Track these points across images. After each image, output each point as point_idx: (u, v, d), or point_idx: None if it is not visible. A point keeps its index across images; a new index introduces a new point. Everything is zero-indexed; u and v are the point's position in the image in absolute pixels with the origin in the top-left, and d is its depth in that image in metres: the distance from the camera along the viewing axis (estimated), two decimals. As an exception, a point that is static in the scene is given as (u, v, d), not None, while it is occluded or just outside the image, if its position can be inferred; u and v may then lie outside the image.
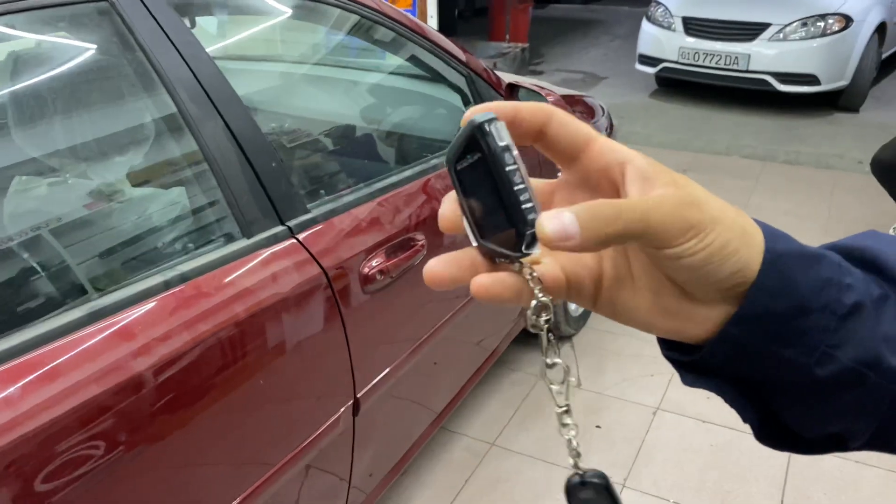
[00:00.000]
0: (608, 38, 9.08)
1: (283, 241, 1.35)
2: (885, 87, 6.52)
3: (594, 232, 0.34)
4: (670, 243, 0.35)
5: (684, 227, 0.35)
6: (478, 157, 0.36)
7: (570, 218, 0.33)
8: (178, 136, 1.34)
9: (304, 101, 2.44)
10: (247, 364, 1.24)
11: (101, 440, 1.03)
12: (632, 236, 0.34)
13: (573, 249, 0.34)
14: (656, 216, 0.35)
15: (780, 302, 0.37)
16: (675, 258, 0.36)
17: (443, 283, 0.39)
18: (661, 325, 0.40)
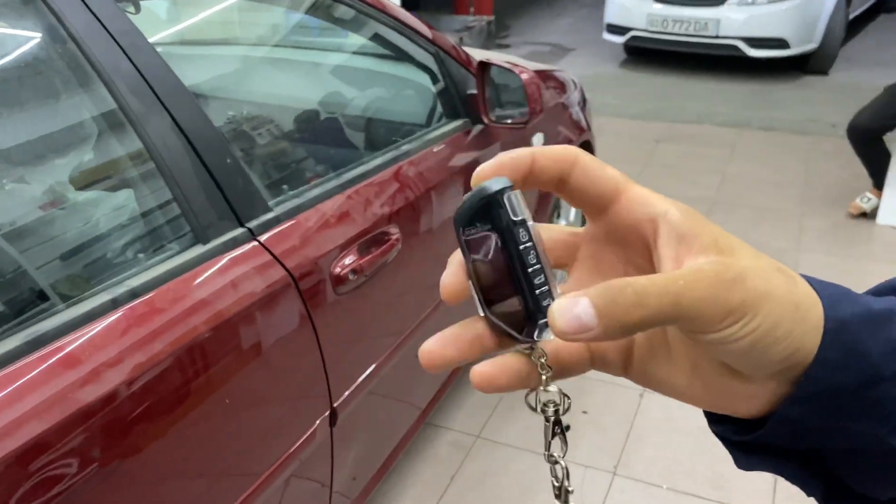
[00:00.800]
0: (574, 6, 8.95)
1: (244, 245, 1.24)
2: (853, 49, 6.50)
3: (615, 321, 0.29)
4: (707, 329, 0.30)
5: (724, 311, 0.30)
6: (488, 230, 0.33)
7: (585, 307, 0.29)
8: (121, 134, 1.22)
9: (263, 86, 2.30)
10: (210, 383, 1.13)
11: (51, 481, 0.92)
12: (661, 323, 0.30)
13: (592, 340, 0.29)
14: (689, 300, 0.29)
15: (846, 375, 0.32)
16: (717, 343, 0.31)
17: (441, 365, 0.35)
18: (703, 400, 0.35)
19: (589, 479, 2.10)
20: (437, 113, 2.01)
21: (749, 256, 0.32)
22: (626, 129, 4.93)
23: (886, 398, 0.32)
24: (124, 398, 1.01)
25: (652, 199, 0.34)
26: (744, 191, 3.92)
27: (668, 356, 0.35)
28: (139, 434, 1.04)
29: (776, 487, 2.03)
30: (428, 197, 1.73)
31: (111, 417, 0.99)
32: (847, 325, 0.32)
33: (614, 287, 0.29)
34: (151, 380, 1.05)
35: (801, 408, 0.33)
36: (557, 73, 2.81)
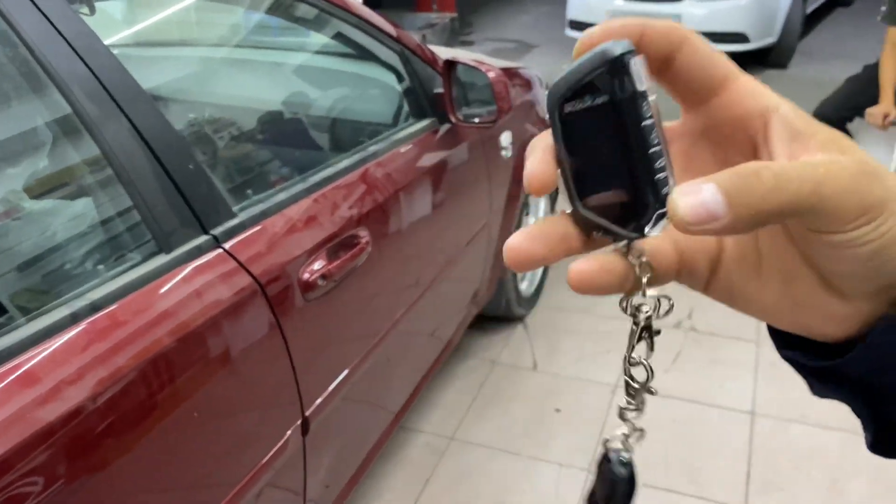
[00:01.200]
0: (535, 3, 8.97)
1: (208, 253, 1.20)
2: (810, 43, 6.62)
3: (749, 208, 0.26)
4: (842, 227, 0.28)
5: (863, 205, 0.28)
6: (602, 102, 0.28)
7: (712, 193, 0.26)
8: (77, 140, 1.17)
9: (225, 88, 2.25)
10: (176, 396, 1.10)
11: (13, 502, 0.88)
12: (797, 213, 0.27)
13: (718, 233, 0.27)
14: (831, 189, 0.27)
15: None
16: (841, 247, 0.28)
17: (529, 262, 0.31)
18: (788, 318, 0.33)
19: (564, 477, 2.09)
20: (404, 112, 1.99)
21: (874, 160, 0.30)
22: (591, 125, 4.95)
23: None
24: (87, 415, 0.97)
25: (764, 90, 0.31)
26: (708, 185, 3.95)
27: (758, 269, 0.33)
28: (104, 452, 1.00)
29: (749, 480, 2.05)
30: (397, 198, 1.70)
31: (74, 435, 0.95)
32: None
33: (747, 169, 0.26)
34: (115, 395, 1.01)
35: (891, 336, 0.31)
36: (523, 71, 2.80)
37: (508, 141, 2.35)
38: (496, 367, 2.57)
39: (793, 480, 2.05)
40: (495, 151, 2.27)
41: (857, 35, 6.66)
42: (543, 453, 2.18)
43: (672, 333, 2.66)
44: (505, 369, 2.56)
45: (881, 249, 0.29)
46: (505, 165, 2.35)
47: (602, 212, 0.30)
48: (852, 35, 6.75)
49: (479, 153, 2.15)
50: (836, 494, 2.00)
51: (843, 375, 0.33)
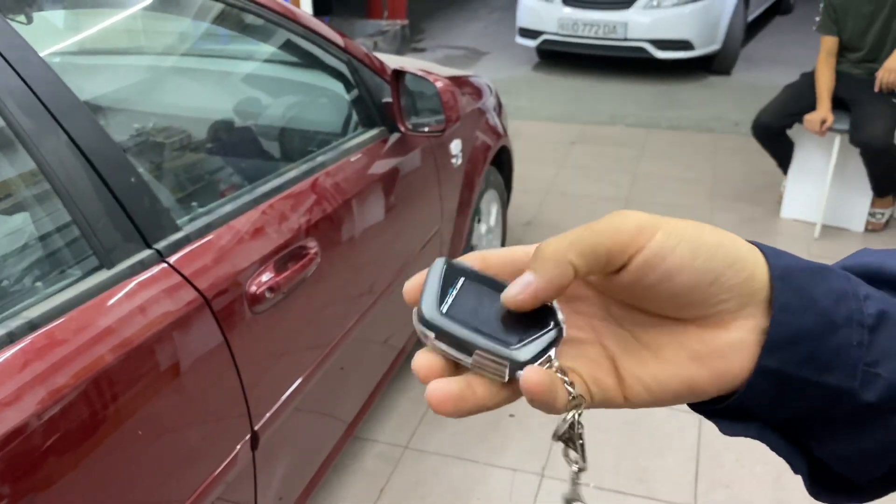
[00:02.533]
0: (486, 10, 9.04)
1: (152, 268, 1.18)
2: (751, 50, 6.81)
3: (543, 267, 0.35)
4: (633, 248, 0.34)
5: (634, 225, 0.34)
6: (462, 282, 0.37)
7: (525, 275, 0.35)
8: (12, 155, 1.14)
9: (171, 97, 2.22)
10: (120, 414, 1.08)
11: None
12: (589, 256, 0.34)
13: (540, 293, 0.35)
14: (601, 225, 0.34)
15: (805, 319, 0.34)
16: (650, 267, 0.34)
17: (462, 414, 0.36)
18: (701, 377, 0.36)
19: (518, 482, 2.11)
20: (353, 122, 1.98)
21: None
22: (541, 131, 5.01)
23: (846, 346, 0.34)
24: (27, 437, 0.95)
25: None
26: (655, 189, 4.04)
27: (645, 351, 0.37)
28: (45, 474, 0.97)
29: (698, 479, 2.10)
30: (347, 207, 1.70)
31: (13, 457, 0.93)
32: (791, 271, 0.35)
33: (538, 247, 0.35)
34: (56, 415, 0.98)
35: (775, 356, 0.34)
36: (473, 79, 2.82)
37: (458, 149, 2.36)
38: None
39: (739, 477, 2.10)
40: (446, 159, 2.28)
41: (797, 42, 6.89)
42: (497, 459, 2.20)
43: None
44: (459, 376, 2.56)
45: (695, 250, 0.33)
46: (455, 173, 2.36)
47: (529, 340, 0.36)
48: (792, 42, 6.97)
49: (429, 161, 2.16)
50: (781, 489, 2.06)
51: (747, 411, 0.37)
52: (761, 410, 0.36)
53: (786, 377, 0.34)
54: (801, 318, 0.34)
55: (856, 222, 3.51)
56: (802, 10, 7.97)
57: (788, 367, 0.34)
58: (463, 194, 2.43)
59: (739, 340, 0.35)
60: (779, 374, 0.34)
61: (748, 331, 0.35)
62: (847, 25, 3.21)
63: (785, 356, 0.34)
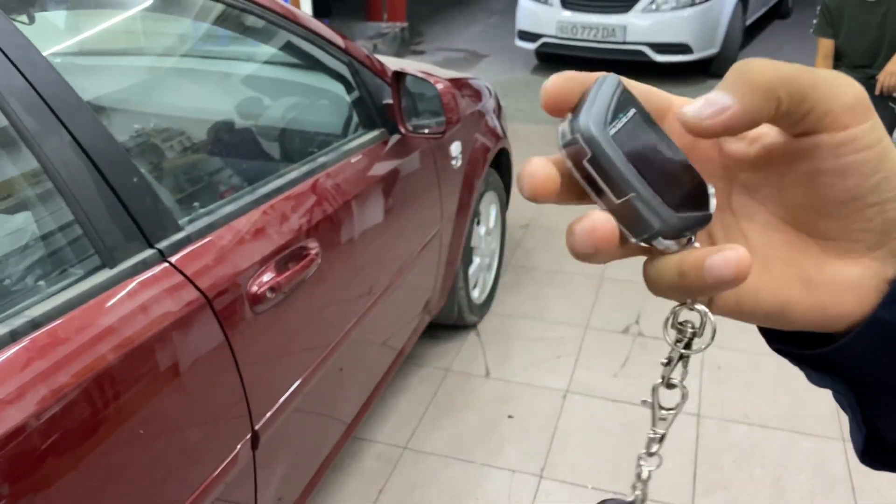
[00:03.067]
0: (486, 14, 9.06)
1: (154, 267, 1.19)
2: (749, 53, 6.83)
3: (749, 88, 0.29)
4: (839, 121, 0.29)
5: (853, 98, 0.29)
6: (632, 115, 0.31)
7: (715, 94, 0.29)
8: (15, 154, 1.14)
9: (173, 98, 2.22)
10: (121, 413, 1.08)
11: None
12: (797, 101, 0.29)
13: (733, 123, 0.29)
14: (820, 77, 0.29)
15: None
16: (842, 152, 0.29)
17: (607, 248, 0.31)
18: (801, 303, 0.32)
19: (516, 483, 2.11)
20: (354, 123, 1.99)
21: None
22: (541, 134, 5.01)
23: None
24: (29, 435, 0.95)
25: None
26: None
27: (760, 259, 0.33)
28: (47, 472, 0.98)
29: (695, 481, 2.10)
30: (347, 208, 1.71)
31: (14, 456, 0.93)
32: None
33: (740, 63, 0.29)
34: (57, 413, 0.99)
35: (893, 309, 0.31)
36: (473, 81, 2.83)
37: (458, 151, 2.37)
38: (449, 375, 2.59)
39: (738, 479, 2.11)
40: (445, 161, 2.29)
41: (795, 45, 6.91)
42: (496, 460, 2.20)
43: (620, 339, 2.71)
44: (458, 377, 2.57)
45: (882, 157, 0.29)
46: (455, 175, 2.37)
47: (686, 208, 0.31)
48: (790, 45, 6.99)
49: (429, 163, 2.17)
50: (779, 492, 2.07)
51: (835, 364, 0.34)
52: (852, 365, 0.33)
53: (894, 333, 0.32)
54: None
55: (853, 226, 3.52)
56: (800, 14, 7.99)
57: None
58: (462, 196, 2.43)
59: (858, 280, 0.32)
60: (890, 329, 0.31)
61: (871, 275, 0.32)
62: (842, 29, 3.23)
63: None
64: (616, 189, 0.30)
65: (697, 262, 0.30)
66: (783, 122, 0.30)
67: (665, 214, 0.30)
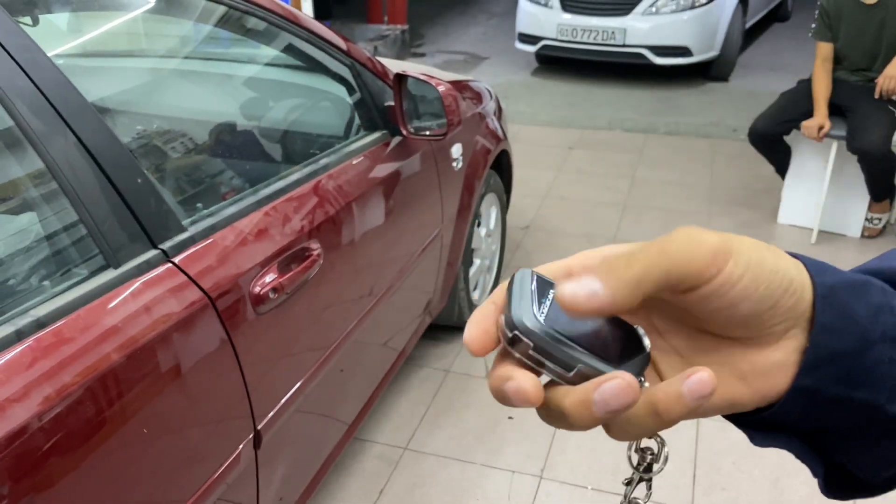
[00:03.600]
0: (486, 16, 9.08)
1: (158, 267, 1.20)
2: (749, 56, 6.84)
3: (616, 279, 0.32)
4: (705, 275, 0.33)
5: (708, 251, 0.33)
6: (552, 294, 0.35)
7: (588, 278, 0.33)
8: (20, 155, 1.15)
9: (175, 99, 2.23)
10: (125, 412, 1.09)
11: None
12: (657, 278, 0.33)
13: (603, 308, 0.32)
14: (673, 249, 0.33)
15: (842, 339, 0.35)
16: (718, 294, 0.33)
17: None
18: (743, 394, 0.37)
19: (516, 484, 2.12)
20: (356, 125, 2.00)
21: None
22: (540, 136, 5.03)
23: (878, 363, 0.35)
24: (33, 433, 0.96)
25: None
26: (653, 193, 4.06)
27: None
28: (51, 471, 0.98)
29: (695, 482, 2.11)
30: (349, 210, 1.71)
31: (19, 454, 0.94)
32: (835, 290, 0.35)
33: (608, 257, 0.34)
34: (62, 412, 0.99)
35: (812, 376, 0.35)
36: (473, 84, 2.84)
37: (459, 153, 2.38)
38: (449, 376, 2.59)
39: (737, 480, 2.12)
40: (447, 163, 2.30)
41: (794, 48, 6.92)
42: (496, 460, 2.21)
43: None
44: (458, 378, 2.58)
45: (756, 279, 0.33)
46: (456, 176, 2.38)
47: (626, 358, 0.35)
48: (789, 49, 7.01)
49: (430, 165, 2.18)
50: (779, 492, 2.07)
51: (777, 423, 0.38)
52: (791, 423, 0.38)
53: (819, 394, 0.36)
54: (841, 338, 0.35)
55: (853, 228, 3.53)
56: (800, 17, 8.01)
57: (823, 384, 0.35)
58: (463, 198, 2.44)
59: (783, 360, 0.36)
60: (813, 392, 0.36)
61: (791, 351, 0.36)
62: (840, 33, 3.24)
63: (821, 375, 0.35)
64: (564, 365, 0.34)
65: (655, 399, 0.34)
66: (662, 294, 0.34)
67: (617, 374, 0.33)
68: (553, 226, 3.67)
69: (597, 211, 3.85)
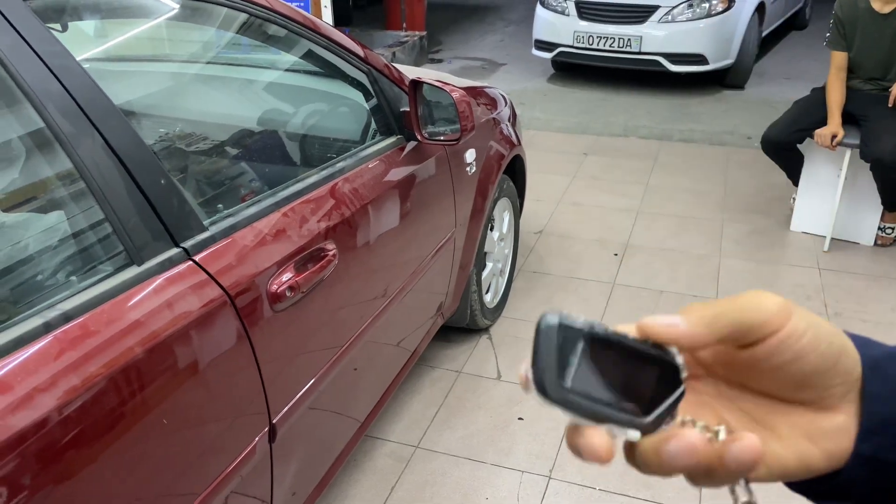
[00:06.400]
0: (503, 23, 9.13)
1: (179, 265, 1.24)
2: (765, 65, 6.84)
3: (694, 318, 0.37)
4: (773, 326, 0.36)
5: (774, 305, 0.37)
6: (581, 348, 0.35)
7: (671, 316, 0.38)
8: (50, 155, 1.21)
9: (197, 103, 2.29)
10: (146, 404, 1.13)
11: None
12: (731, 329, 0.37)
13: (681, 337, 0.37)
14: (744, 299, 0.37)
15: (893, 407, 0.38)
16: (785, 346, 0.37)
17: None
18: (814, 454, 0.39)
19: (525, 483, 2.15)
20: (372, 130, 2.05)
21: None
22: (555, 142, 5.06)
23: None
24: (58, 422, 1.00)
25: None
26: (667, 200, 4.08)
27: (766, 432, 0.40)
28: (75, 458, 1.03)
29: (702, 485, 2.13)
30: (364, 212, 1.76)
31: (45, 442, 0.98)
32: (879, 362, 0.39)
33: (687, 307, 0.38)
34: (86, 403, 1.04)
35: (870, 441, 0.38)
36: (488, 90, 2.88)
37: (473, 157, 2.42)
38: (461, 377, 2.63)
39: (744, 485, 2.13)
40: (461, 168, 2.34)
41: (811, 57, 6.91)
42: (506, 461, 2.24)
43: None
44: (469, 379, 2.61)
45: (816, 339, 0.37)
46: (470, 181, 2.42)
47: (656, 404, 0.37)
48: (805, 57, 6.99)
49: (444, 169, 2.22)
50: (788, 498, 2.08)
51: (845, 492, 0.40)
52: (857, 491, 0.40)
53: (879, 460, 0.38)
54: (890, 404, 0.38)
55: (865, 236, 3.53)
56: (818, 26, 7.99)
57: (882, 451, 0.38)
58: (476, 202, 2.48)
59: (845, 424, 0.39)
60: (872, 459, 0.38)
61: (851, 415, 0.39)
62: (855, 42, 3.25)
63: (878, 441, 0.38)
64: (594, 420, 0.36)
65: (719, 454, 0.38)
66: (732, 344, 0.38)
67: (641, 424, 0.36)
68: (566, 231, 3.70)
69: (610, 217, 3.87)
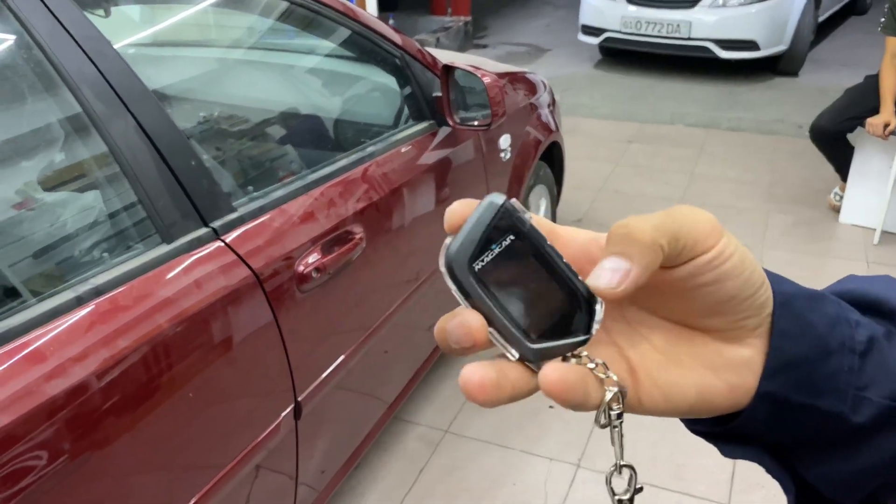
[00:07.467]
0: (550, 8, 9.03)
1: (208, 245, 1.28)
2: (821, 51, 6.62)
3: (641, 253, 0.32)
4: (705, 244, 0.34)
5: (709, 223, 0.34)
6: (509, 242, 0.32)
7: (612, 261, 0.32)
8: (86, 137, 1.25)
9: (235, 88, 2.33)
10: (173, 378, 1.17)
11: (16, 474, 0.96)
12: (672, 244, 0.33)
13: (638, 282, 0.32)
14: (680, 215, 0.34)
15: (801, 345, 0.36)
16: (711, 267, 0.34)
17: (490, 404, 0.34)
18: (715, 387, 0.37)
19: (554, 471, 2.15)
20: (404, 115, 2.06)
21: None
22: (600, 129, 5.00)
23: (838, 371, 0.36)
24: (90, 392, 1.05)
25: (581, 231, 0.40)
26: (711, 190, 4.00)
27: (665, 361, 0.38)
28: (105, 427, 1.07)
29: (734, 478, 2.10)
30: (393, 196, 1.78)
31: (77, 411, 1.03)
32: (792, 298, 0.37)
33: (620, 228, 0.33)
34: (116, 374, 1.08)
35: (775, 381, 0.36)
36: (529, 75, 2.86)
37: (507, 143, 2.41)
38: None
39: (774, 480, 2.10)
40: (494, 153, 2.34)
41: (870, 43, 6.65)
42: (535, 448, 2.24)
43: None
44: (501, 366, 2.62)
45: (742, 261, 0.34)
46: (504, 167, 2.42)
47: (551, 336, 0.33)
48: (864, 43, 6.74)
49: (477, 155, 2.22)
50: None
51: (745, 434, 0.38)
52: (759, 433, 0.38)
53: (782, 400, 0.36)
54: (798, 344, 0.36)
55: (919, 229, 3.42)
56: (879, 11, 7.68)
57: (785, 390, 0.36)
58: (511, 188, 2.48)
59: (751, 358, 0.37)
60: (776, 398, 0.36)
61: (758, 350, 0.37)
62: (911, 27, 3.13)
63: (782, 380, 0.36)
64: (484, 316, 0.32)
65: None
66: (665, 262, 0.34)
67: (524, 347, 0.32)
68: (606, 219, 3.67)
69: (652, 206, 3.82)
